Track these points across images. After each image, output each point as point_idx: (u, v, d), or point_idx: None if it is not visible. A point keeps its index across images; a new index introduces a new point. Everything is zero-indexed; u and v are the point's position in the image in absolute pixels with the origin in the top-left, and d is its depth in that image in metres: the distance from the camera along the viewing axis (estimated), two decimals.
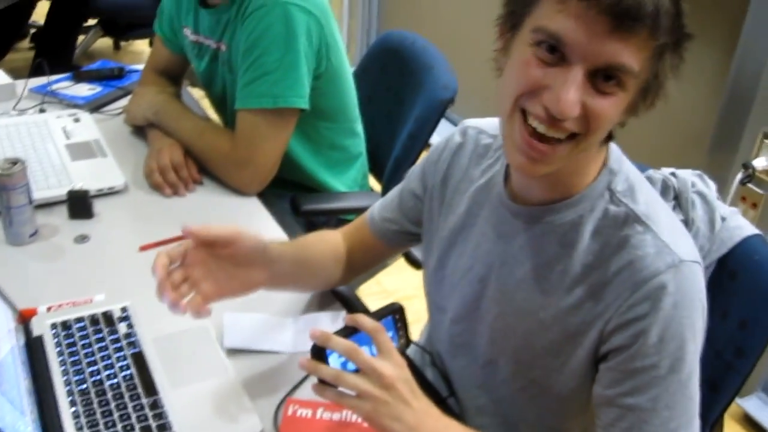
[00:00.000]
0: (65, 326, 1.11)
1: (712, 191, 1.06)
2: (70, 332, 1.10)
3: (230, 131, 1.56)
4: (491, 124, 1.07)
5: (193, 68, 1.76)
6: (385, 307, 0.95)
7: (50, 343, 1.08)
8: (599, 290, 0.89)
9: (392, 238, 1.18)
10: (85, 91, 1.90)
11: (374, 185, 1.93)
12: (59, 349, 1.07)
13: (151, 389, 1.01)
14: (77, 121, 1.73)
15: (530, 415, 1.03)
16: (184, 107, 1.68)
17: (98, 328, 1.11)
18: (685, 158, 2.38)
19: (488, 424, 1.07)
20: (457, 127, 1.10)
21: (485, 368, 1.04)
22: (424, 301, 1.16)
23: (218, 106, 1.75)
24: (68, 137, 1.66)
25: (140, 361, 1.06)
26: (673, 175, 1.06)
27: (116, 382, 1.02)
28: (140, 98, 1.72)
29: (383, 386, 0.83)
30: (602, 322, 0.89)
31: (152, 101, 1.68)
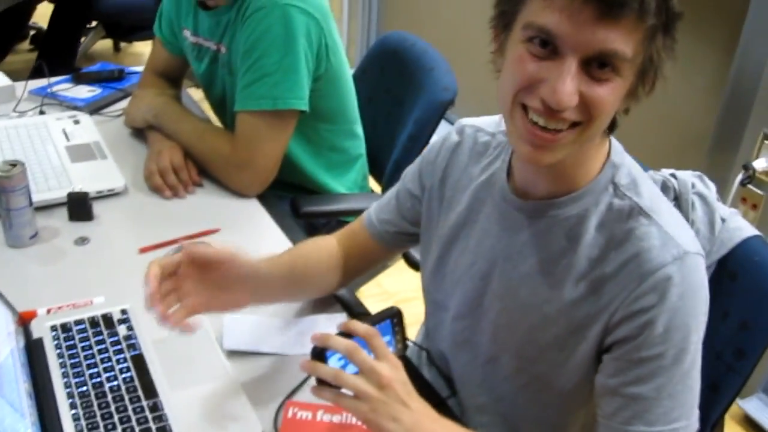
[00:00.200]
0: (65, 328, 1.11)
1: (712, 192, 1.06)
2: (70, 334, 1.10)
3: (230, 133, 1.56)
4: (488, 122, 1.07)
5: (192, 70, 1.76)
6: (383, 311, 0.95)
7: (50, 345, 1.08)
8: (605, 283, 0.89)
9: (390, 239, 1.18)
10: (84, 93, 1.90)
11: (374, 187, 1.93)
12: (59, 351, 1.07)
13: (151, 391, 1.01)
14: (77, 123, 1.74)
15: (531, 412, 1.03)
16: (183, 109, 1.68)
17: (98, 330, 1.11)
18: (685, 159, 2.38)
19: (488, 422, 1.07)
20: (453, 126, 1.10)
21: (486, 366, 1.04)
22: None
23: (218, 108, 1.75)
24: (68, 139, 1.66)
25: (140, 363, 1.06)
26: (673, 176, 1.06)
27: (116, 384, 1.02)
28: (140, 100, 1.72)
29: (381, 386, 0.83)
30: (608, 314, 0.89)
31: (152, 103, 1.68)
